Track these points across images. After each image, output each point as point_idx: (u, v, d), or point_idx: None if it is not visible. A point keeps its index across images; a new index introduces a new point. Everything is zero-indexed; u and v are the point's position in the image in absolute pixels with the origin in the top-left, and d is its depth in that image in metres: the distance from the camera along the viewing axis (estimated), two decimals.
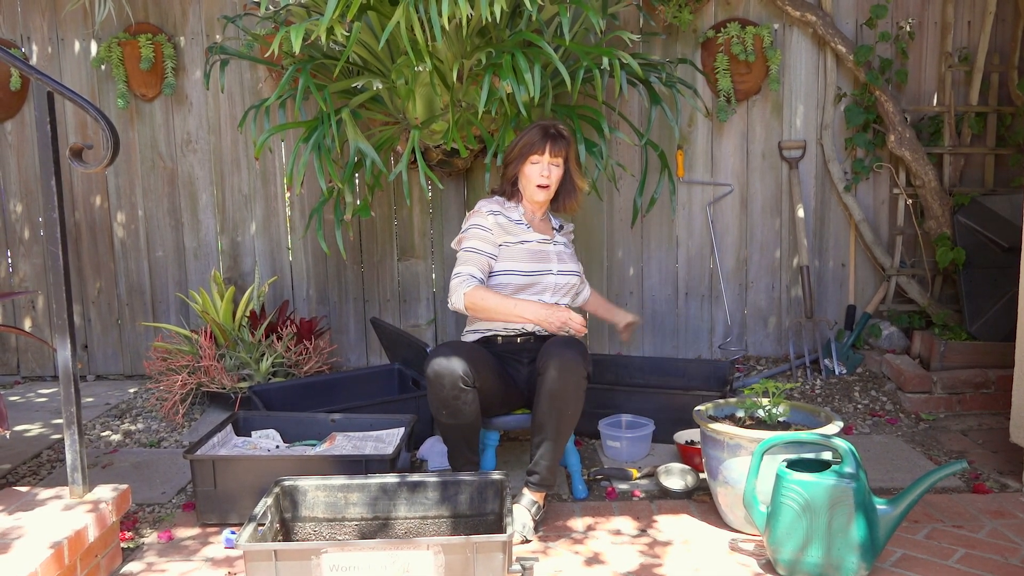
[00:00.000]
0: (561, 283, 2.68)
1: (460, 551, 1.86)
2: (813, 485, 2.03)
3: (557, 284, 2.68)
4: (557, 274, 2.68)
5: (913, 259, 3.87)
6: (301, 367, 3.48)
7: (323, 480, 2.18)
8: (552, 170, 2.66)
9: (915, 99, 3.82)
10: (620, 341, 3.81)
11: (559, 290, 2.68)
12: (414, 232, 3.97)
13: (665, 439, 3.01)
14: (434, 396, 2.42)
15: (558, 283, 2.68)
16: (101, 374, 4.08)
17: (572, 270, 2.73)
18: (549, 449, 2.41)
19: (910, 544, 2.26)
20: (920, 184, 3.70)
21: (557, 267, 2.68)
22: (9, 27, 3.87)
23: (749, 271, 3.96)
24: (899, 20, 3.75)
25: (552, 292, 2.67)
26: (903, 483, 2.69)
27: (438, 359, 2.39)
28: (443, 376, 2.37)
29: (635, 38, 3.17)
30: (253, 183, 3.95)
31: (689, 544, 2.31)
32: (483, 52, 2.91)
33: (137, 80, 3.80)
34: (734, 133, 3.87)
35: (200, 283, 3.96)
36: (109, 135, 2.08)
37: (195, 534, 2.41)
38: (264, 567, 1.85)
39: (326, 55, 3.26)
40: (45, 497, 2.19)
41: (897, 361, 3.55)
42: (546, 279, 2.66)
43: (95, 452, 3.08)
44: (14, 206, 3.98)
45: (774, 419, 2.44)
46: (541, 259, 2.68)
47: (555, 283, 2.67)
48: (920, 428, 3.25)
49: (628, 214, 3.89)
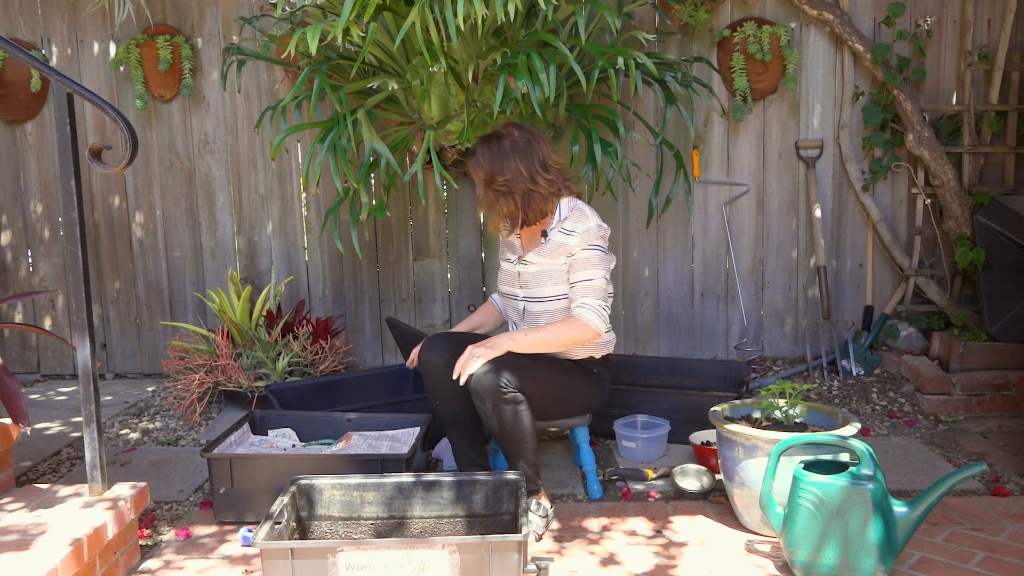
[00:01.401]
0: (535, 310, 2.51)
1: (475, 550, 1.86)
2: (830, 486, 2.01)
3: (527, 310, 2.54)
4: (522, 299, 2.55)
5: (932, 259, 3.84)
6: (317, 366, 3.50)
7: (339, 479, 2.19)
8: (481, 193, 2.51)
9: (934, 98, 3.78)
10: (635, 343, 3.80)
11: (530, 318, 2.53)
12: (429, 232, 3.97)
13: (681, 440, 3.00)
14: (426, 387, 2.50)
15: (528, 309, 2.54)
16: (119, 373, 4.12)
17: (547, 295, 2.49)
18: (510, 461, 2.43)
19: (929, 547, 2.24)
20: (939, 184, 3.67)
21: (522, 292, 2.55)
22: (29, 29, 3.91)
23: (766, 271, 3.94)
24: (917, 18, 3.72)
25: (521, 318, 2.57)
26: (921, 485, 2.67)
27: (425, 347, 2.48)
28: (426, 363, 2.47)
29: (651, 38, 3.16)
30: (270, 183, 3.98)
31: (705, 545, 2.30)
32: (498, 52, 2.92)
33: (155, 81, 3.83)
34: (750, 132, 3.85)
35: (217, 283, 3.98)
36: (128, 135, 2.10)
37: (212, 532, 2.43)
38: (281, 565, 1.86)
39: (342, 56, 3.28)
40: (65, 494, 2.21)
41: (915, 362, 3.52)
42: (516, 304, 2.58)
43: (114, 450, 3.11)
44: (34, 206, 4.03)
45: (791, 420, 2.42)
46: (509, 282, 2.60)
47: (523, 309, 2.56)
48: (939, 430, 3.22)
49: (643, 214, 3.87)
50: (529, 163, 2.43)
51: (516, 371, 2.32)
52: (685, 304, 3.98)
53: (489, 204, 2.48)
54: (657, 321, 3.99)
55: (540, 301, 2.50)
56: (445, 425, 2.56)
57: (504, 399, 2.30)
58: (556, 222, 2.49)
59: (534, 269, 2.50)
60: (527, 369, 2.35)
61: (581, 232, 2.42)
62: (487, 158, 2.44)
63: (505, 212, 2.46)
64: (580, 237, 2.42)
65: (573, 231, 2.44)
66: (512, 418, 2.33)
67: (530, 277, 2.51)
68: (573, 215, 2.47)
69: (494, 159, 2.43)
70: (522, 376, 2.33)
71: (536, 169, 2.43)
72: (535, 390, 2.37)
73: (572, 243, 2.43)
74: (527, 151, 2.43)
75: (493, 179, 2.44)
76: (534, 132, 2.50)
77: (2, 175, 4.00)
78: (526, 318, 2.56)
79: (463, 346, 2.42)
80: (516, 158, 2.42)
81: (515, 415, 2.33)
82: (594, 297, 2.40)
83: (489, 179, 2.45)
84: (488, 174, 2.44)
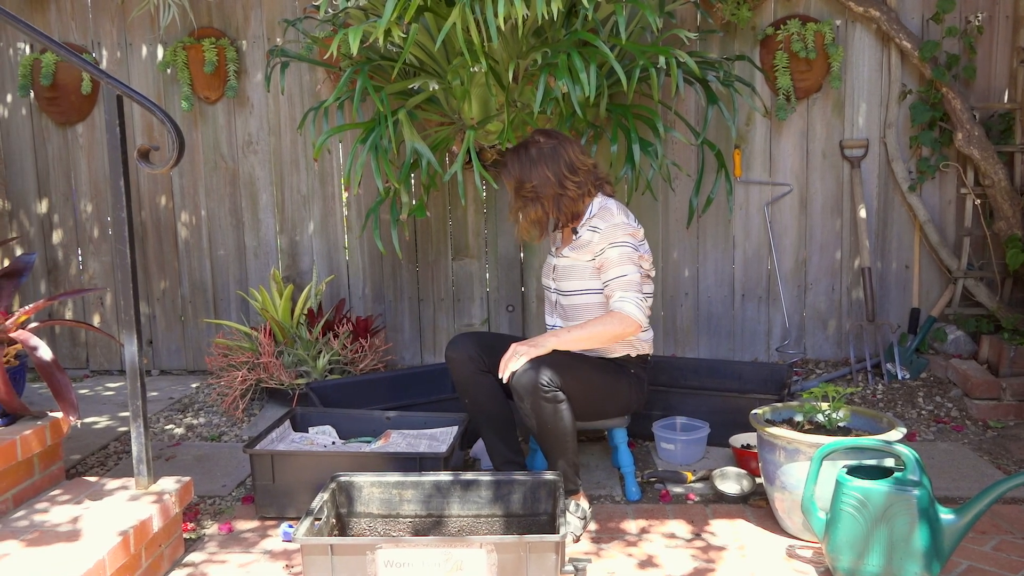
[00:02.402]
0: (564, 303, 2.59)
1: (513, 550, 1.86)
2: (875, 492, 1.98)
3: (558, 302, 2.62)
4: (554, 291, 2.63)
5: (981, 261, 3.74)
6: (357, 365, 3.53)
7: (378, 477, 2.21)
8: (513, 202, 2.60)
9: (984, 96, 3.69)
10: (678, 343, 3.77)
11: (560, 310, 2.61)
12: (468, 232, 3.99)
13: (720, 442, 2.97)
14: (455, 384, 2.58)
15: (559, 301, 2.62)
16: (165, 369, 4.20)
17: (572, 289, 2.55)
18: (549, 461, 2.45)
19: (976, 556, 2.19)
20: (989, 183, 3.58)
21: (554, 284, 2.63)
22: (80, 33, 4.01)
23: (808, 273, 3.88)
24: (967, 14, 3.64)
25: (552, 311, 2.66)
26: (969, 492, 2.61)
27: (451, 347, 2.56)
28: (452, 361, 2.54)
29: (692, 36, 3.13)
30: (311, 183, 4.02)
31: (744, 550, 2.28)
32: (539, 52, 2.91)
33: (201, 83, 3.90)
34: (793, 132, 3.80)
35: (260, 281, 4.04)
36: (175, 137, 2.14)
37: (254, 527, 2.47)
38: (320, 561, 1.88)
39: (383, 57, 3.30)
40: (112, 487, 2.26)
41: (964, 366, 3.44)
42: (550, 295, 2.67)
43: (159, 445, 3.17)
44: (84, 206, 4.13)
45: (834, 424, 2.38)
46: (546, 273, 2.71)
47: (555, 300, 2.64)
48: (988, 436, 3.14)
49: (683, 215, 3.84)
50: (556, 168, 2.51)
51: (557, 369, 2.33)
52: (725, 305, 3.93)
53: (519, 209, 2.58)
54: (697, 322, 3.96)
55: (567, 295, 2.57)
56: (477, 423, 2.61)
57: (544, 397, 2.31)
58: (586, 219, 2.56)
59: (565, 263, 2.57)
60: (568, 368, 2.37)
61: (605, 229, 2.48)
62: (516, 167, 2.55)
63: (533, 217, 2.55)
64: (604, 234, 2.47)
65: (598, 228, 2.50)
66: (552, 417, 2.34)
67: (562, 271, 2.59)
68: (600, 213, 2.53)
69: (522, 168, 2.54)
70: (564, 375, 2.35)
71: (563, 173, 2.51)
72: (575, 389, 2.38)
73: (597, 240, 2.48)
74: (554, 156, 2.52)
75: (522, 186, 2.54)
76: (561, 137, 2.57)
77: (54, 176, 4.11)
78: (557, 309, 2.63)
79: (488, 344, 2.50)
80: (543, 165, 2.52)
81: (555, 414, 2.34)
82: (630, 290, 2.42)
83: (519, 186, 2.55)
84: (517, 182, 2.55)
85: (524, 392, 2.32)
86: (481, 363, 2.52)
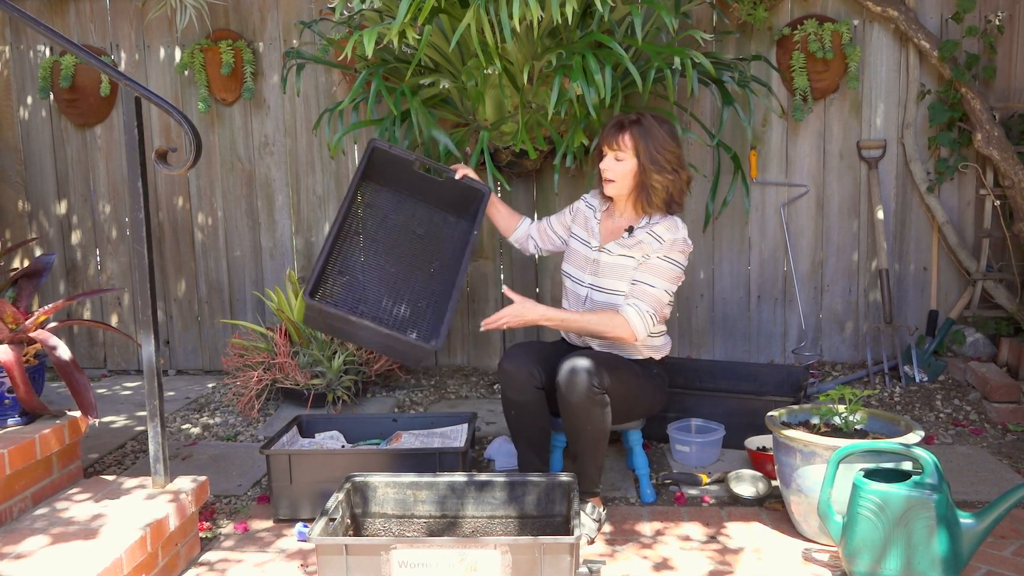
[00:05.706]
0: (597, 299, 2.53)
1: (527, 551, 1.86)
2: (892, 495, 1.96)
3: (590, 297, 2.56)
4: (588, 286, 2.57)
5: (1001, 263, 3.71)
6: (371, 365, 3.54)
7: (393, 477, 2.21)
8: (613, 164, 2.49)
9: (1004, 96, 3.65)
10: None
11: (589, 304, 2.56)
12: (482, 233, 3.99)
13: (736, 445, 2.95)
14: (503, 395, 2.48)
15: (591, 296, 2.56)
16: (181, 369, 4.23)
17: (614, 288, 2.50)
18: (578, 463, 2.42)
19: (996, 560, 2.17)
20: (1009, 185, 3.54)
21: (590, 279, 2.57)
22: (99, 35, 4.04)
23: (825, 274, 3.86)
24: (987, 14, 3.60)
25: (578, 303, 2.60)
26: (988, 496, 2.58)
27: (508, 359, 2.46)
28: (507, 372, 2.44)
29: (708, 37, 3.12)
30: (327, 184, 4.04)
31: (760, 553, 2.26)
32: (553, 53, 2.91)
33: (218, 85, 3.93)
34: (810, 133, 3.77)
35: (276, 282, 4.06)
36: (192, 138, 2.15)
37: (269, 526, 2.48)
38: (335, 561, 1.89)
39: (398, 58, 3.31)
40: (129, 486, 2.28)
41: (983, 369, 3.40)
42: (579, 289, 2.60)
43: (175, 444, 3.19)
44: (103, 207, 4.16)
45: (851, 427, 2.37)
46: (580, 265, 2.62)
47: (586, 295, 2.57)
48: (1007, 440, 3.11)
49: (698, 216, 3.82)
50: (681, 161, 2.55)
51: (607, 371, 2.34)
52: (741, 307, 3.91)
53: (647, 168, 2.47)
54: (712, 324, 3.94)
55: (605, 292, 2.52)
56: (516, 434, 2.54)
57: (595, 401, 2.31)
58: (646, 223, 2.53)
59: (611, 260, 2.53)
60: (614, 370, 2.38)
61: (668, 241, 2.48)
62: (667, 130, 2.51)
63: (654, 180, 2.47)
64: (665, 246, 2.47)
65: (661, 237, 2.48)
66: (599, 419, 2.34)
67: (606, 267, 2.54)
68: (666, 222, 2.51)
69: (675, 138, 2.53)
70: (611, 377, 2.35)
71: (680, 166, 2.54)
72: (616, 391, 2.38)
73: (656, 248, 2.47)
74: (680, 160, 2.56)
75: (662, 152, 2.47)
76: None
77: (73, 177, 4.15)
78: (587, 305, 2.57)
79: (544, 357, 2.45)
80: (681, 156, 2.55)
81: (602, 416, 2.34)
82: (647, 302, 2.42)
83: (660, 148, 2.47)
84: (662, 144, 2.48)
85: (577, 396, 2.29)
86: (538, 379, 2.43)
